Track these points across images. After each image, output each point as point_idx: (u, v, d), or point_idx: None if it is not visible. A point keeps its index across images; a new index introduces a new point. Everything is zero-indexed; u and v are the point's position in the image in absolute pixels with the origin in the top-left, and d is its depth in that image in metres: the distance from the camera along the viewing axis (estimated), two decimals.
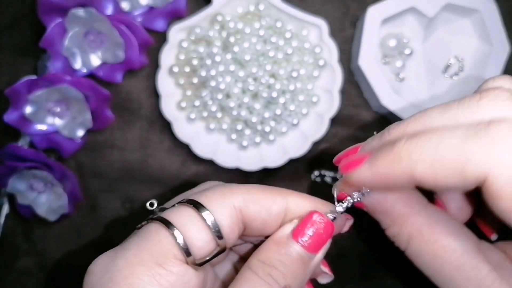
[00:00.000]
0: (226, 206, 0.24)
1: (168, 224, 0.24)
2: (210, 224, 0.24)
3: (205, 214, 0.24)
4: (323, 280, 0.28)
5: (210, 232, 0.24)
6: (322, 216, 0.25)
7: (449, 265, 0.24)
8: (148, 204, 0.26)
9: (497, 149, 0.20)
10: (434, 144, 0.21)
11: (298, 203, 0.26)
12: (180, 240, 0.23)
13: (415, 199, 0.26)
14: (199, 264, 0.24)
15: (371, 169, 0.23)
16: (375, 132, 0.26)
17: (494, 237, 0.28)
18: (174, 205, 0.25)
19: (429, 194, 0.28)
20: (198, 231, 0.24)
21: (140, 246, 0.23)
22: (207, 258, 0.24)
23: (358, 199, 0.26)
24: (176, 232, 0.23)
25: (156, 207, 0.26)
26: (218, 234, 0.24)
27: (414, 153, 0.22)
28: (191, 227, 0.24)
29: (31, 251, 0.43)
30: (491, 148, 0.20)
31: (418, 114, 0.24)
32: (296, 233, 0.25)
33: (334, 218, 0.26)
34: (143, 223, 0.25)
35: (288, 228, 0.25)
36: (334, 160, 0.27)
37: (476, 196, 0.27)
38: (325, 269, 0.28)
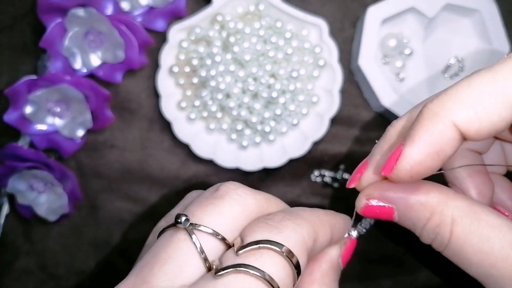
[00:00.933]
0: (305, 252, 0.23)
1: (262, 274, 0.21)
2: (296, 269, 0.23)
3: (295, 261, 0.22)
4: None
5: (295, 279, 0.23)
6: (356, 241, 0.28)
7: (499, 243, 0.21)
8: (182, 220, 0.23)
9: None
10: (463, 86, 0.20)
11: (340, 231, 0.27)
12: None
13: (444, 188, 0.24)
14: None
15: (417, 145, 0.21)
16: (376, 141, 0.25)
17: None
18: (254, 245, 0.22)
19: None
20: (290, 281, 0.22)
21: None
22: None
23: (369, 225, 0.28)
24: (274, 284, 0.21)
25: (189, 224, 0.23)
26: (299, 275, 0.23)
27: (445, 102, 0.20)
28: (285, 280, 0.22)
29: (31, 251, 0.43)
30: None
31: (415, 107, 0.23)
32: (343, 259, 0.28)
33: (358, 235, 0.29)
34: (224, 270, 0.21)
35: (335, 254, 0.27)
36: (352, 179, 0.26)
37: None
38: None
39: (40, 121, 0.41)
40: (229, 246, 0.23)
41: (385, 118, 0.42)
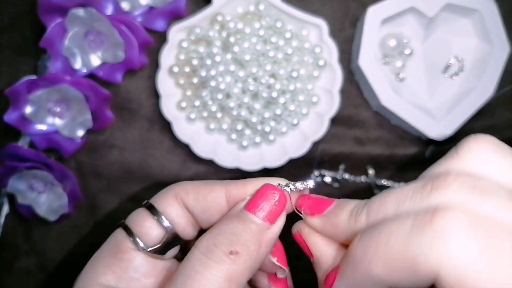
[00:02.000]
0: (168, 197, 0.28)
1: (124, 226, 0.28)
2: (156, 214, 0.27)
3: (152, 208, 0.28)
4: (280, 275, 0.28)
5: (155, 221, 0.27)
6: (274, 188, 0.26)
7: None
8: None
9: (443, 246, 0.19)
10: (384, 239, 0.21)
11: (239, 188, 0.27)
12: (130, 233, 0.27)
13: None
14: (158, 252, 0.27)
15: (342, 281, 0.24)
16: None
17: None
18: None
19: None
20: (145, 222, 0.27)
21: (102, 247, 0.28)
22: (159, 245, 0.27)
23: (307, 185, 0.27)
24: (126, 227, 0.27)
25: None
26: (164, 222, 0.27)
27: (367, 250, 0.21)
28: (139, 221, 0.27)
29: (31, 251, 0.43)
30: (437, 244, 0.19)
31: (378, 199, 0.24)
32: (249, 205, 0.25)
33: (288, 191, 0.27)
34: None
35: (241, 204, 0.26)
36: (297, 204, 0.27)
37: None
38: (279, 263, 0.28)
39: (40, 121, 0.41)
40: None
41: (385, 118, 0.42)
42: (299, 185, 0.27)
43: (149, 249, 0.27)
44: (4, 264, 0.43)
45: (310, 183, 0.27)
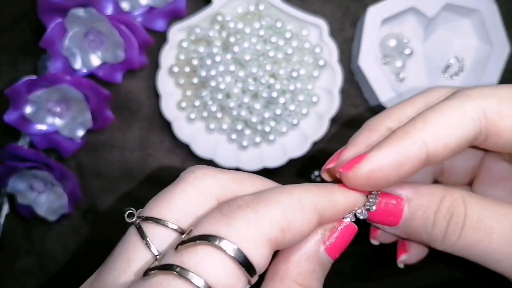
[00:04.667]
0: (264, 244, 0.19)
1: (192, 278, 0.18)
2: (247, 269, 0.19)
3: (240, 258, 0.19)
4: None
5: (246, 278, 0.19)
6: (352, 224, 0.23)
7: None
8: (126, 214, 0.22)
9: (478, 91, 0.22)
10: (429, 110, 0.22)
11: (331, 215, 0.22)
12: None
13: None
14: None
15: (382, 152, 0.21)
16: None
17: (404, 257, 0.27)
18: (193, 241, 0.19)
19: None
20: (235, 282, 0.19)
21: None
22: None
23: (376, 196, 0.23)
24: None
25: (136, 218, 0.22)
26: (253, 275, 0.20)
27: (417, 122, 0.22)
28: (226, 280, 0.19)
29: (31, 251, 0.43)
30: (474, 92, 0.22)
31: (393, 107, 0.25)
32: (335, 253, 0.23)
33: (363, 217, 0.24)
34: (152, 269, 0.19)
35: (319, 239, 0.22)
36: (324, 168, 0.25)
37: None
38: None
39: (40, 121, 0.41)
40: (183, 233, 0.21)
41: None
42: (372, 206, 0.23)
43: None
44: (4, 264, 0.43)
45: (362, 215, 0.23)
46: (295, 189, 0.21)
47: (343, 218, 0.23)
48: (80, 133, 0.41)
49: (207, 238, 0.19)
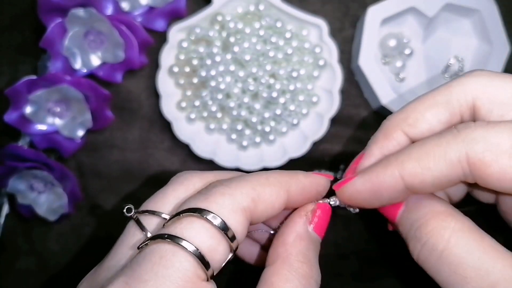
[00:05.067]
0: (237, 211, 0.23)
1: (182, 242, 0.21)
2: (225, 232, 0.22)
3: (217, 222, 0.22)
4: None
5: (226, 241, 0.22)
6: (328, 205, 0.26)
7: (501, 263, 0.21)
8: (125, 209, 0.25)
9: (467, 132, 0.22)
10: (417, 145, 0.23)
11: (299, 192, 0.26)
12: (200, 257, 0.21)
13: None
14: (215, 275, 0.23)
15: (363, 178, 0.24)
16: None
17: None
18: (179, 215, 0.23)
19: None
20: (215, 242, 0.22)
21: (160, 275, 0.21)
22: (222, 265, 0.23)
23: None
24: (193, 249, 0.21)
25: (134, 212, 0.25)
26: (232, 240, 0.22)
27: (400, 155, 0.23)
28: (208, 241, 0.22)
29: (31, 251, 0.43)
30: (463, 133, 0.22)
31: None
32: (320, 230, 0.26)
33: (334, 203, 0.27)
34: (147, 242, 0.22)
35: (305, 220, 0.26)
36: (345, 176, 0.27)
37: None
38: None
39: (40, 121, 0.41)
40: None
41: (385, 118, 0.42)
42: (333, 202, 0.27)
43: (215, 272, 0.23)
44: (4, 264, 0.43)
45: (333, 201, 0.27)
46: (262, 172, 0.25)
47: (328, 203, 0.27)
48: (80, 133, 0.41)
49: (189, 211, 0.22)
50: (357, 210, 0.27)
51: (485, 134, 0.21)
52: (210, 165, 0.41)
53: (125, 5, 0.41)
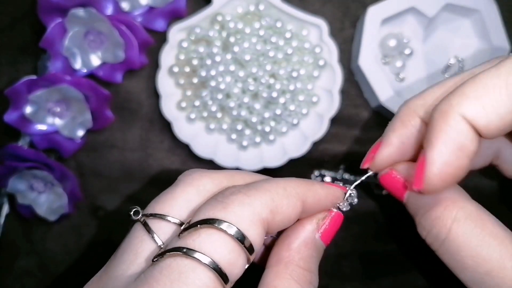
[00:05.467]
0: (258, 223, 0.22)
1: (200, 256, 0.21)
2: (245, 246, 0.21)
3: (238, 235, 0.21)
4: None
5: (245, 254, 0.22)
6: (339, 213, 0.26)
7: (498, 252, 0.21)
8: (132, 212, 0.24)
9: None
10: (470, 83, 0.21)
11: (314, 203, 0.25)
12: (219, 272, 0.21)
13: (463, 192, 0.24)
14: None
15: (436, 149, 0.21)
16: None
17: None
18: (195, 226, 0.22)
19: None
20: (235, 256, 0.21)
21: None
22: (239, 277, 0.22)
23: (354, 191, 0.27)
24: (211, 264, 0.20)
25: (141, 215, 0.24)
26: (251, 252, 0.22)
27: (453, 98, 0.21)
28: (227, 255, 0.21)
29: (31, 251, 0.43)
30: None
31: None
32: (327, 239, 0.26)
33: (346, 209, 0.27)
34: (163, 254, 0.21)
35: (313, 227, 0.25)
36: (362, 166, 0.26)
37: None
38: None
39: (40, 121, 0.41)
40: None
41: (385, 118, 0.42)
42: (354, 199, 0.27)
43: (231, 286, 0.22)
44: (4, 264, 0.43)
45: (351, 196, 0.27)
46: (280, 179, 0.24)
47: (338, 208, 0.26)
48: (80, 133, 0.41)
49: (207, 222, 0.21)
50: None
51: None
52: (210, 165, 0.42)
53: (125, 5, 0.41)
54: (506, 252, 0.21)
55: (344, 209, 0.26)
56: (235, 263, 0.21)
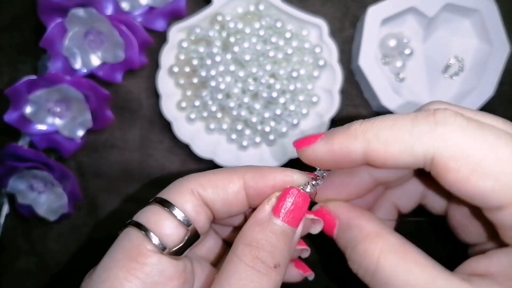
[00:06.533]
0: (184, 193, 0.25)
1: (136, 224, 0.25)
2: (174, 212, 0.25)
3: (167, 205, 0.25)
4: (306, 254, 0.29)
5: (175, 219, 0.25)
6: (298, 190, 0.26)
7: (423, 278, 0.24)
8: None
9: (442, 129, 0.22)
10: (388, 124, 0.23)
11: (255, 177, 0.26)
12: (149, 233, 0.24)
13: (385, 225, 0.27)
14: (177, 253, 0.25)
15: (327, 144, 0.25)
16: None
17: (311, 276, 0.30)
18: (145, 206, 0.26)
19: None
20: (163, 220, 0.25)
21: (114, 249, 0.25)
22: (181, 245, 0.25)
23: (323, 175, 0.27)
24: (143, 227, 0.25)
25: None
26: (184, 220, 0.25)
27: (369, 131, 0.23)
28: (156, 220, 0.25)
29: (31, 251, 0.43)
30: (438, 128, 0.22)
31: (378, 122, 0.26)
32: (277, 210, 0.25)
33: (309, 190, 0.27)
34: (118, 232, 0.26)
35: (268, 207, 0.26)
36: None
37: None
38: (301, 246, 0.29)
39: (40, 121, 0.41)
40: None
41: None
42: (319, 182, 0.27)
43: (172, 250, 0.25)
44: (4, 264, 0.43)
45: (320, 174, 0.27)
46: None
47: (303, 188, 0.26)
48: (80, 133, 0.41)
49: (150, 202, 0.26)
50: (324, 174, 0.27)
51: (459, 138, 0.22)
52: (210, 165, 0.42)
53: (125, 5, 0.41)
54: (430, 277, 0.23)
55: (308, 190, 0.26)
56: (162, 224, 0.25)
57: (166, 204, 0.25)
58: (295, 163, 0.41)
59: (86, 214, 0.43)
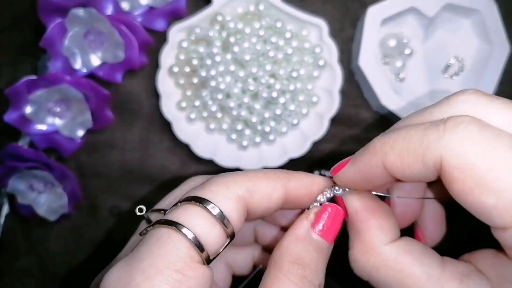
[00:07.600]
0: (231, 198, 0.24)
1: (177, 226, 0.23)
2: (219, 218, 0.24)
3: (211, 208, 0.23)
4: None
5: (220, 226, 0.24)
6: (336, 207, 0.26)
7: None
8: (137, 209, 0.27)
9: (450, 137, 0.21)
10: (402, 135, 0.23)
11: (298, 187, 0.26)
12: (194, 240, 0.23)
13: (392, 225, 0.26)
14: (212, 260, 0.24)
15: (354, 165, 0.25)
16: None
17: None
18: (177, 204, 0.24)
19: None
20: (209, 226, 0.23)
21: (155, 254, 0.22)
22: (220, 251, 0.24)
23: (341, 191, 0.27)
24: (187, 232, 0.23)
25: (145, 212, 0.27)
26: (227, 226, 0.24)
27: (386, 144, 0.23)
28: (202, 225, 0.23)
29: (31, 251, 0.43)
30: (446, 136, 0.21)
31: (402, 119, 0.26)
32: (316, 227, 0.26)
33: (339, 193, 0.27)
34: (148, 228, 0.24)
35: (307, 224, 0.26)
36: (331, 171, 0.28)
37: None
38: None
39: (40, 121, 0.41)
40: None
41: (385, 118, 0.42)
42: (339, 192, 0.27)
43: (211, 259, 0.24)
44: (4, 264, 0.43)
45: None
46: (268, 169, 0.28)
47: (318, 200, 0.27)
48: (80, 133, 0.41)
49: (186, 200, 0.24)
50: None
51: (467, 148, 0.21)
52: (210, 165, 0.42)
53: (125, 5, 0.41)
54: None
55: (332, 195, 0.27)
56: (210, 232, 0.23)
57: (208, 205, 0.24)
58: (295, 163, 0.42)
59: (86, 214, 0.43)
